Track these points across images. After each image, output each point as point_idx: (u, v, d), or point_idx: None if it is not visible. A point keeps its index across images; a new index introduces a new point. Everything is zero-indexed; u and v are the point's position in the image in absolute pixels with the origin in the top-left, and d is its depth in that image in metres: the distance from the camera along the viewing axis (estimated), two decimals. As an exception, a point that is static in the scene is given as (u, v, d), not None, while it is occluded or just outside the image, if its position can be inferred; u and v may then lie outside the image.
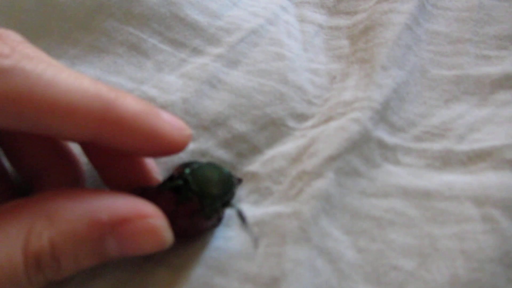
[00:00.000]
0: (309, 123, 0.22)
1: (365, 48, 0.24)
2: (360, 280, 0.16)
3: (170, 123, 0.16)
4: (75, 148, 0.19)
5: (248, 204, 0.19)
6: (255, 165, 0.20)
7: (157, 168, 0.19)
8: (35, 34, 0.22)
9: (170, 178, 0.17)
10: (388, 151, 0.20)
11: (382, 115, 0.21)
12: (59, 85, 0.14)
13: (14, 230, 0.14)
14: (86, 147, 0.19)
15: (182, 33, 0.24)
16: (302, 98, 0.23)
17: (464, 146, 0.19)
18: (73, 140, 0.18)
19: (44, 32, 0.23)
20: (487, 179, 0.18)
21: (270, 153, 0.21)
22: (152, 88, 0.22)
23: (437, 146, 0.20)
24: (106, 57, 0.23)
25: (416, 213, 0.18)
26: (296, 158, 0.20)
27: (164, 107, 0.22)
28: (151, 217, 0.15)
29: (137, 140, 0.15)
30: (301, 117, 0.22)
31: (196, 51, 0.24)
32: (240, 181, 0.19)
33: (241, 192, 0.20)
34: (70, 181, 0.19)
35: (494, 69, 0.22)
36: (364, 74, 0.23)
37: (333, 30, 0.27)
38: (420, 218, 0.17)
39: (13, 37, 0.16)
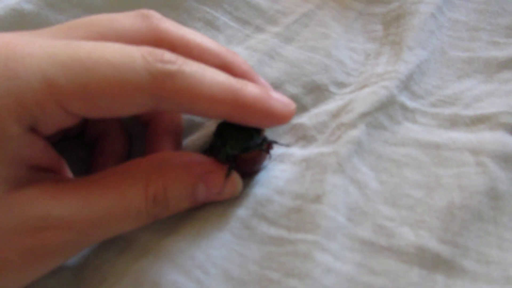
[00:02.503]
0: (347, 89, 0.28)
1: (396, 33, 0.30)
2: (380, 202, 0.22)
3: (280, 101, 0.21)
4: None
5: (297, 147, 0.25)
6: (303, 119, 0.26)
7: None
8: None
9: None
10: (408, 113, 0.26)
11: (406, 84, 0.26)
12: (205, 82, 0.19)
13: (137, 177, 0.20)
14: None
15: (247, 13, 0.30)
16: (342, 70, 0.28)
17: (469, 112, 0.25)
18: (212, 117, 0.23)
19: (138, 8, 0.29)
20: (483, 137, 0.23)
21: (315, 111, 0.27)
22: None
23: (447, 111, 0.25)
24: None
25: (426, 158, 0.23)
26: (336, 114, 0.26)
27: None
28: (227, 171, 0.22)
29: (257, 118, 0.21)
30: (341, 85, 0.28)
31: (259, 29, 0.30)
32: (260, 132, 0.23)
33: (291, 139, 0.26)
34: (121, 145, 0.25)
35: (502, 53, 0.27)
36: (393, 53, 0.28)
37: (370, 16, 0.33)
38: (429, 162, 0.23)
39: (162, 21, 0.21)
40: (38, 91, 0.17)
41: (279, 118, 0.21)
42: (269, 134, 0.26)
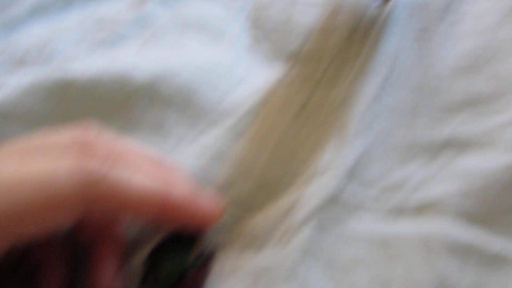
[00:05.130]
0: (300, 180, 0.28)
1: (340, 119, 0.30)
2: None
3: (209, 202, 0.22)
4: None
5: (247, 255, 0.25)
6: (253, 220, 0.26)
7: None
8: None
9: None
10: (354, 209, 0.25)
11: (353, 171, 0.26)
12: (131, 187, 0.20)
13: None
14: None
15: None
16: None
17: (416, 198, 0.25)
18: (142, 219, 0.24)
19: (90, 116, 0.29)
20: (431, 226, 0.24)
21: (266, 211, 0.27)
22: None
23: (392, 201, 0.25)
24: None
25: (376, 256, 0.23)
26: (287, 212, 0.26)
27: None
28: None
29: (185, 219, 0.22)
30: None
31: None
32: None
33: (239, 244, 0.25)
34: (63, 273, 0.24)
35: (442, 131, 0.28)
36: (339, 138, 0.28)
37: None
38: (379, 259, 0.23)
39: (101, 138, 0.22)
40: None
41: (206, 218, 0.22)
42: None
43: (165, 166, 0.25)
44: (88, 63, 0.30)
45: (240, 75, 0.32)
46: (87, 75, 0.29)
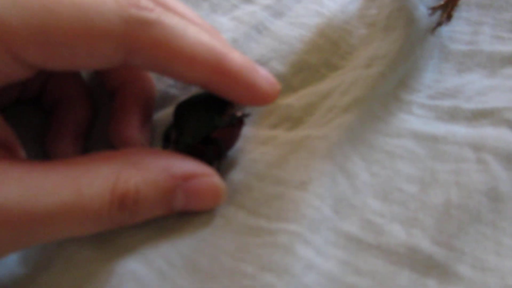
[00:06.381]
0: (339, 72, 0.25)
1: (393, 20, 0.27)
2: (370, 195, 0.20)
3: (266, 78, 0.19)
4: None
5: (281, 129, 0.23)
6: (290, 99, 0.24)
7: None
8: None
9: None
10: (404, 104, 0.23)
11: (402, 79, 0.24)
12: (186, 38, 0.17)
13: (104, 173, 0.16)
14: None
15: None
16: (335, 51, 0.26)
17: (471, 105, 0.23)
18: (189, 82, 0.20)
19: None
20: (485, 132, 0.21)
21: (303, 92, 0.24)
22: None
23: (447, 103, 0.23)
24: None
25: (422, 151, 0.21)
26: (327, 95, 0.23)
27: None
28: (213, 176, 0.18)
29: (239, 90, 0.18)
30: (333, 67, 0.26)
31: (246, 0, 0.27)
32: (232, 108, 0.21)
33: (275, 120, 0.23)
34: (84, 112, 0.22)
35: (506, 48, 0.25)
36: (389, 40, 0.26)
37: (367, 1, 0.30)
38: (425, 155, 0.21)
39: None
40: None
41: (262, 96, 0.19)
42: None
43: (215, 30, 0.22)
44: None
45: None
46: None
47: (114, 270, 0.17)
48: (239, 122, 0.21)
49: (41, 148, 0.22)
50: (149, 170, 0.17)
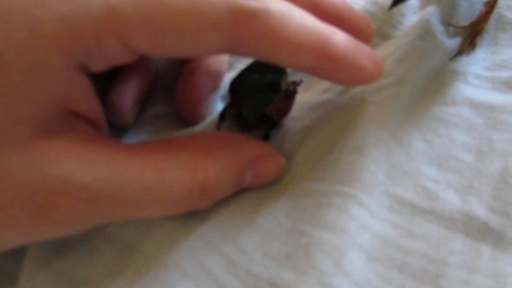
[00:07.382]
0: (391, 41, 0.25)
1: None
2: (424, 162, 0.20)
3: (370, 57, 0.18)
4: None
5: (331, 93, 0.23)
6: None
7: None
8: None
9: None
10: (459, 75, 0.23)
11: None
12: (292, 25, 0.16)
13: (183, 160, 0.17)
14: None
15: None
16: (387, 20, 0.26)
17: None
18: (293, 68, 0.20)
19: None
20: None
21: None
22: None
23: (504, 74, 0.23)
24: None
25: (479, 120, 0.21)
26: None
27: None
28: (276, 154, 0.19)
29: (343, 72, 0.18)
30: (385, 36, 0.25)
31: None
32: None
33: (325, 83, 0.23)
34: (145, 81, 0.23)
35: None
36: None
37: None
38: (482, 124, 0.21)
39: None
40: (97, 19, 0.14)
41: (367, 76, 0.18)
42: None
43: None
44: None
45: None
46: None
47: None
48: (293, 93, 0.21)
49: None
50: (223, 156, 0.18)
